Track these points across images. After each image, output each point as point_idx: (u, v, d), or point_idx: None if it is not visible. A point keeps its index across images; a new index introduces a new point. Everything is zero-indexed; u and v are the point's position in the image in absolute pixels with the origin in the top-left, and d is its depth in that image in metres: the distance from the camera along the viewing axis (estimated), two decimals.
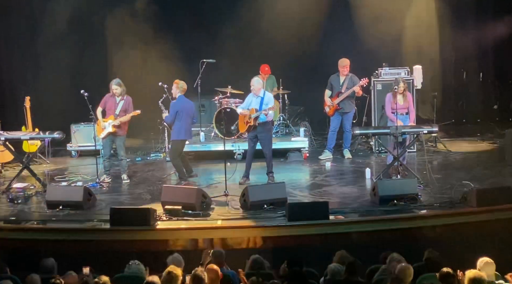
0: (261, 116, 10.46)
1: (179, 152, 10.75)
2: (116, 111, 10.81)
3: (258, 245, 8.38)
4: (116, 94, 10.80)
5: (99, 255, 8.24)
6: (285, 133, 13.34)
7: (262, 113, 10.42)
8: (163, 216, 8.90)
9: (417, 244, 8.02)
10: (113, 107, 10.83)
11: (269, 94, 10.88)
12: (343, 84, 12.15)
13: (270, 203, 9.18)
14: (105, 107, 10.88)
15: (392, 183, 9.77)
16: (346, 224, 8.68)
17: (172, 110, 10.54)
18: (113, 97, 10.87)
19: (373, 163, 12.08)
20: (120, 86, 10.81)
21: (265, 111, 10.39)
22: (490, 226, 8.68)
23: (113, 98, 10.87)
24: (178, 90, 10.64)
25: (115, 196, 10.35)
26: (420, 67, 13.13)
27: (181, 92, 10.66)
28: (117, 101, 10.85)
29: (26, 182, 10.84)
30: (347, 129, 12.33)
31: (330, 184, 10.68)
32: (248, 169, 10.79)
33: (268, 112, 10.41)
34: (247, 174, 10.78)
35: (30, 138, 11.24)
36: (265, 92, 10.78)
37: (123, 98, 10.85)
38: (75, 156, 13.35)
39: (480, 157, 12.22)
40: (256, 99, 10.68)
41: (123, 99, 10.85)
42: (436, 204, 9.07)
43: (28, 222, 8.97)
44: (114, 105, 10.85)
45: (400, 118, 10.53)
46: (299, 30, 14.78)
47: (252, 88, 10.68)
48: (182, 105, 10.55)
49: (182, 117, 10.51)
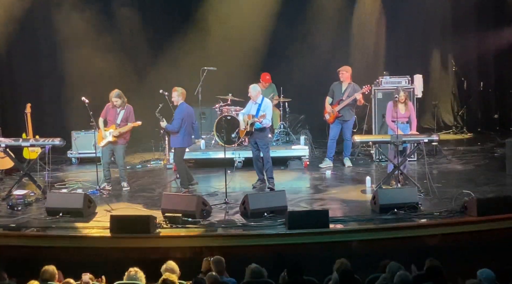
0: (256, 123, 10.53)
1: (183, 156, 10.85)
2: (117, 121, 10.83)
3: (258, 253, 8.36)
4: (116, 105, 10.83)
5: (98, 262, 8.23)
6: (285, 141, 13.33)
7: (255, 121, 10.50)
8: (163, 224, 8.89)
9: (417, 253, 8.00)
10: (114, 117, 10.85)
11: (267, 101, 10.90)
12: (345, 92, 12.17)
13: (270, 211, 9.17)
14: (106, 117, 10.91)
15: (392, 191, 9.77)
16: (346, 232, 8.67)
17: (178, 118, 10.59)
18: (114, 107, 10.89)
19: (374, 171, 12.08)
20: (120, 98, 10.84)
21: (257, 119, 10.47)
22: (491, 236, 8.66)
23: (114, 108, 10.89)
24: (179, 96, 10.69)
25: (115, 203, 10.34)
26: (420, 76, 13.17)
27: (182, 99, 10.72)
28: (118, 111, 10.88)
29: (26, 188, 10.82)
30: (347, 137, 12.34)
31: (330, 192, 10.67)
32: (259, 173, 10.89)
33: (261, 120, 10.47)
34: (261, 177, 10.88)
35: (30, 145, 11.25)
36: (263, 99, 10.83)
37: (124, 108, 10.87)
38: (75, 163, 13.36)
39: (480, 166, 12.21)
40: (254, 106, 10.76)
41: (124, 109, 10.87)
42: (437, 213, 9.05)
43: (28, 229, 8.95)
44: (115, 115, 10.87)
45: (400, 127, 10.53)
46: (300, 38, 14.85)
47: (249, 95, 10.77)
48: (187, 112, 10.64)
49: (185, 124, 10.59)
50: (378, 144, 11.20)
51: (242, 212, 9.37)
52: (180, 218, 8.91)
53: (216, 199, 10.16)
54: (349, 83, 12.23)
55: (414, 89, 12.64)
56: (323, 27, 14.80)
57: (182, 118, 10.56)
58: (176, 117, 10.64)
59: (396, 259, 6.86)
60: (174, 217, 8.92)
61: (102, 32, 14.42)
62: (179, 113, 10.63)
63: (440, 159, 12.73)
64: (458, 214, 9.00)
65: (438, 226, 8.76)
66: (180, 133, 10.62)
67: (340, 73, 12.23)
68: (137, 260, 7.78)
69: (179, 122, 10.57)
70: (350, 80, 12.24)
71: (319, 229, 8.55)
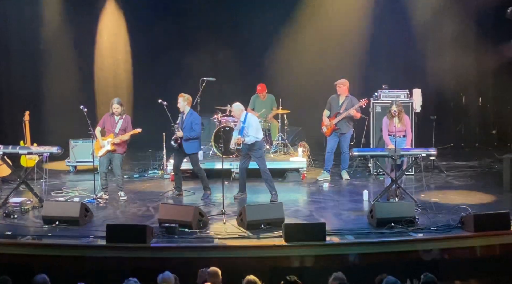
0: (246, 139, 10.61)
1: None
2: (116, 130, 10.84)
3: (254, 265, 8.34)
4: (116, 113, 10.84)
5: (94, 271, 8.21)
6: (283, 153, 13.33)
7: (240, 142, 10.66)
8: (159, 234, 8.88)
9: (413, 267, 7.99)
10: (112, 126, 10.86)
11: (250, 116, 10.87)
12: (342, 105, 12.21)
13: (267, 222, 9.17)
14: (104, 127, 10.91)
15: (389, 205, 9.77)
16: (342, 245, 8.66)
17: (197, 123, 10.88)
18: (112, 117, 10.90)
19: (371, 184, 12.09)
20: (121, 106, 10.86)
21: (239, 140, 10.63)
22: (487, 251, 8.66)
23: (112, 117, 10.90)
24: (185, 102, 10.86)
25: (112, 212, 10.33)
26: (419, 91, 13.18)
27: (188, 105, 10.88)
28: (116, 120, 10.89)
29: (23, 196, 10.81)
30: (344, 150, 12.35)
31: (328, 205, 10.67)
32: (243, 184, 10.98)
33: (244, 139, 10.59)
34: (243, 189, 10.96)
35: (28, 153, 11.24)
36: (246, 115, 10.82)
37: (122, 118, 10.88)
38: (72, 171, 13.34)
39: (478, 181, 12.22)
40: (239, 124, 10.86)
41: (122, 118, 10.88)
42: (433, 228, 9.05)
43: (24, 237, 8.92)
44: (113, 124, 10.88)
45: (397, 141, 10.50)
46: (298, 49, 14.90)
47: (232, 115, 10.96)
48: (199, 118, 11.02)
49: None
50: (376, 157, 11.20)
51: (239, 223, 9.37)
52: (176, 228, 8.90)
53: (214, 210, 10.16)
54: (347, 96, 12.26)
55: (413, 104, 12.66)
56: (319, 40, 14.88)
57: (200, 123, 10.90)
58: (194, 122, 10.83)
59: (392, 273, 6.84)
60: (171, 227, 8.90)
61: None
62: (196, 118, 10.90)
63: (438, 174, 12.73)
64: (455, 229, 9.00)
65: (435, 240, 8.74)
66: (195, 139, 10.85)
67: (337, 86, 12.27)
68: (133, 269, 7.77)
69: (200, 127, 10.92)
70: (347, 93, 12.27)
71: (316, 241, 8.53)
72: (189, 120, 10.83)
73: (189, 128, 10.81)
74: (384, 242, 8.68)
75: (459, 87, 15.30)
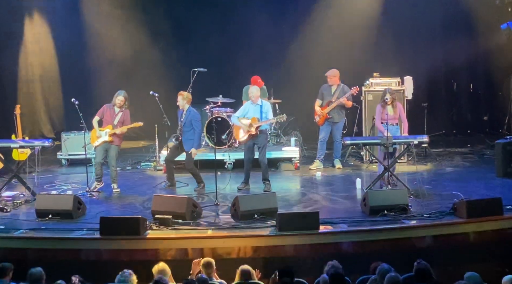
0: (263, 125, 10.61)
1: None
2: (114, 122, 10.80)
3: (248, 255, 8.36)
4: (119, 105, 10.79)
5: (88, 264, 8.21)
6: (276, 142, 13.33)
7: (265, 123, 10.66)
8: (153, 225, 8.87)
9: (407, 254, 8.02)
10: (111, 117, 10.82)
11: (267, 102, 11.03)
12: (334, 93, 12.21)
13: (260, 212, 9.17)
14: (102, 117, 10.87)
15: (382, 193, 9.79)
16: (336, 234, 8.68)
17: (199, 120, 10.89)
18: (112, 108, 10.86)
19: (364, 173, 12.10)
20: (126, 99, 10.82)
21: (268, 121, 10.69)
22: (480, 237, 8.70)
23: (112, 109, 10.86)
24: (185, 101, 10.83)
25: (105, 204, 10.31)
26: (411, 78, 13.17)
27: (188, 103, 10.85)
28: (116, 112, 10.85)
29: (15, 190, 10.79)
30: (337, 139, 12.36)
31: (321, 194, 10.68)
32: (247, 176, 10.97)
33: (270, 122, 10.73)
34: (247, 180, 10.96)
35: (20, 146, 11.21)
36: (262, 100, 10.89)
37: (122, 111, 10.84)
38: (65, 164, 13.30)
39: (470, 168, 12.26)
40: (255, 108, 10.77)
41: (122, 111, 10.84)
42: (426, 215, 9.08)
43: (17, 230, 8.90)
44: (112, 115, 10.84)
45: (390, 129, 10.53)
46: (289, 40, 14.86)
47: (251, 96, 10.83)
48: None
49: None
50: (368, 145, 11.22)
51: (232, 214, 9.37)
52: (170, 219, 8.89)
53: (207, 201, 10.15)
54: (338, 85, 12.27)
55: (404, 91, 12.67)
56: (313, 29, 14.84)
57: (200, 119, 10.89)
58: (194, 119, 10.78)
59: (386, 260, 6.87)
60: (164, 219, 8.90)
61: None
62: (196, 116, 10.85)
63: (430, 161, 12.77)
64: (447, 216, 9.03)
65: (428, 227, 8.79)
66: (194, 136, 10.80)
67: (328, 78, 12.27)
68: (127, 261, 7.78)
69: (200, 124, 10.94)
70: (339, 82, 12.28)
71: (310, 230, 8.56)
72: (189, 118, 10.79)
73: (189, 126, 10.78)
74: (378, 230, 8.71)
75: (450, 74, 15.31)
